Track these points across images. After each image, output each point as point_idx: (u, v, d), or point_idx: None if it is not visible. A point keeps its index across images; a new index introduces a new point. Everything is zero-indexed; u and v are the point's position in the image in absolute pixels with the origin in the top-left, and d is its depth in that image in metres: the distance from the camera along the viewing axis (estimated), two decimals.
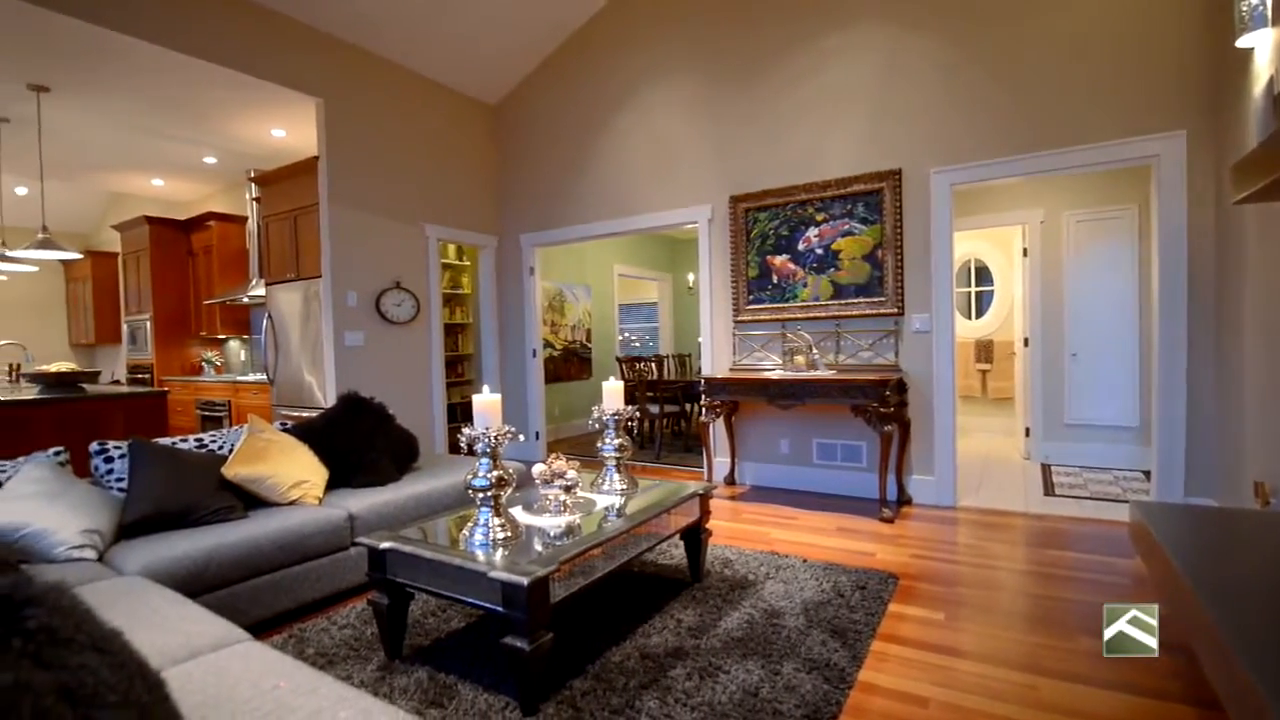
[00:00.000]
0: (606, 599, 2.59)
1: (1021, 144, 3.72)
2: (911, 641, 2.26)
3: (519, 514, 2.35)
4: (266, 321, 5.11)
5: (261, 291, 5.48)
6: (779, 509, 4.03)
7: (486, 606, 1.87)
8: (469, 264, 6.80)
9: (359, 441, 3.17)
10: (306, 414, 4.38)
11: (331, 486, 2.96)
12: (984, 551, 3.18)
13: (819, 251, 4.36)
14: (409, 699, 1.93)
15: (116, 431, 4.20)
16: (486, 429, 2.07)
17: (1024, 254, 5.28)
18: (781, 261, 4.51)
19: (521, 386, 6.00)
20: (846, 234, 4.25)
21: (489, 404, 2.10)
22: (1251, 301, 2.81)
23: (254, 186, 5.64)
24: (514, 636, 1.79)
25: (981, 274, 6.80)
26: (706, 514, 2.80)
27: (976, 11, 3.80)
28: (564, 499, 2.39)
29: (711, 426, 4.52)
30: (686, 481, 2.92)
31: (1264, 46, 2.50)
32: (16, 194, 6.74)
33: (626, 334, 9.85)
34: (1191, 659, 2.02)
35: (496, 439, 2.07)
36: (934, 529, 3.55)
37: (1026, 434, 5.33)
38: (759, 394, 4.15)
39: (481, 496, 2.09)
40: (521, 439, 2.42)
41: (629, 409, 2.75)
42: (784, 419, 4.50)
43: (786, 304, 4.50)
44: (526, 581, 1.74)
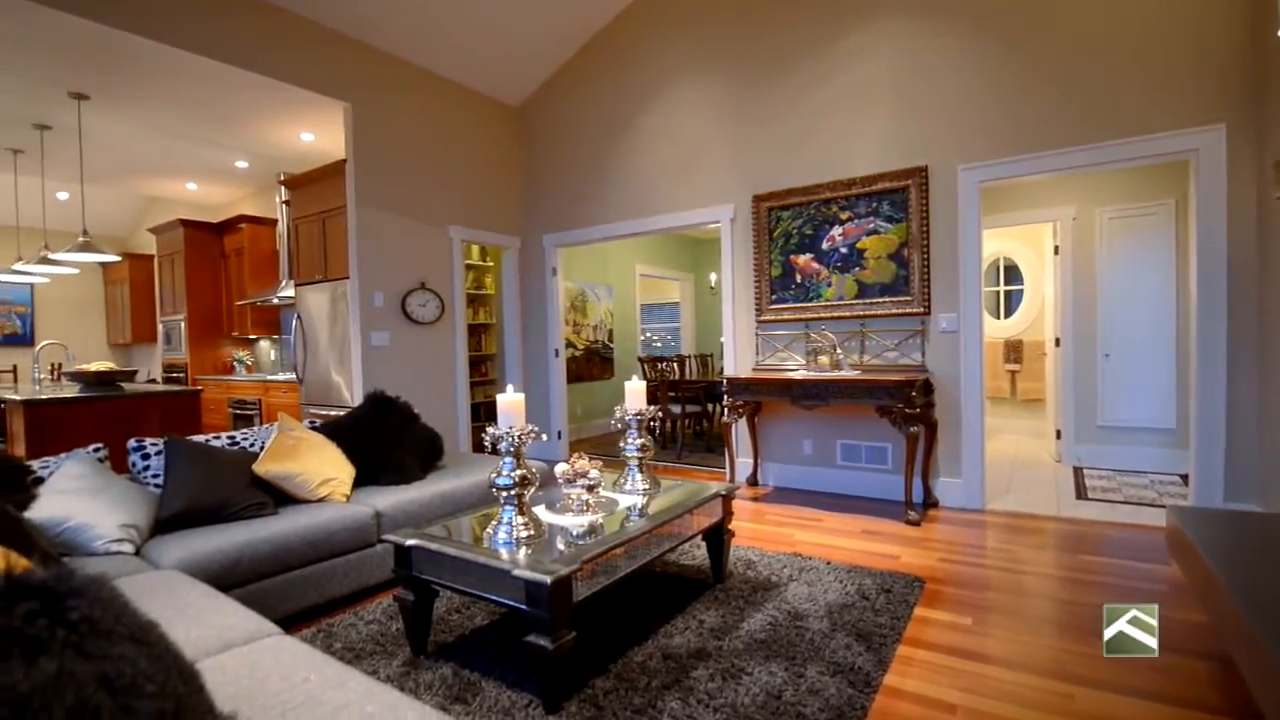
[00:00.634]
0: (629, 598, 2.59)
1: (1053, 139, 3.64)
2: (938, 646, 2.22)
3: (542, 513, 2.36)
4: (296, 322, 5.21)
5: (291, 292, 5.59)
6: (802, 510, 4.00)
7: (510, 604, 1.88)
8: (492, 264, 6.86)
9: (385, 440, 3.21)
10: (334, 412, 4.46)
11: (358, 484, 3.01)
12: (1013, 556, 3.11)
13: (843, 250, 4.32)
14: (434, 694, 1.95)
15: (152, 429, 4.32)
16: (510, 428, 2.09)
17: (1055, 252, 5.16)
18: (805, 261, 4.48)
19: (544, 386, 6.03)
20: (871, 232, 4.20)
21: (513, 403, 2.12)
22: None
23: (284, 189, 5.75)
24: (537, 635, 1.80)
25: (1010, 272, 6.67)
26: (729, 515, 2.79)
27: (1004, 3, 3.73)
28: (586, 498, 2.40)
29: (734, 427, 4.50)
30: (709, 482, 2.91)
31: None
32: (58, 199, 6.96)
33: (648, 334, 9.85)
34: (1232, 669, 1.96)
35: (520, 438, 2.09)
36: (961, 532, 3.49)
37: (1057, 436, 5.21)
38: (782, 394, 4.12)
39: (505, 495, 2.10)
40: (544, 438, 2.43)
41: (651, 409, 2.75)
42: (807, 419, 4.46)
43: (810, 303, 4.46)
44: (549, 580, 1.75)
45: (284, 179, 5.63)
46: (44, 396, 4.09)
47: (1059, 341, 5.15)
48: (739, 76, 4.72)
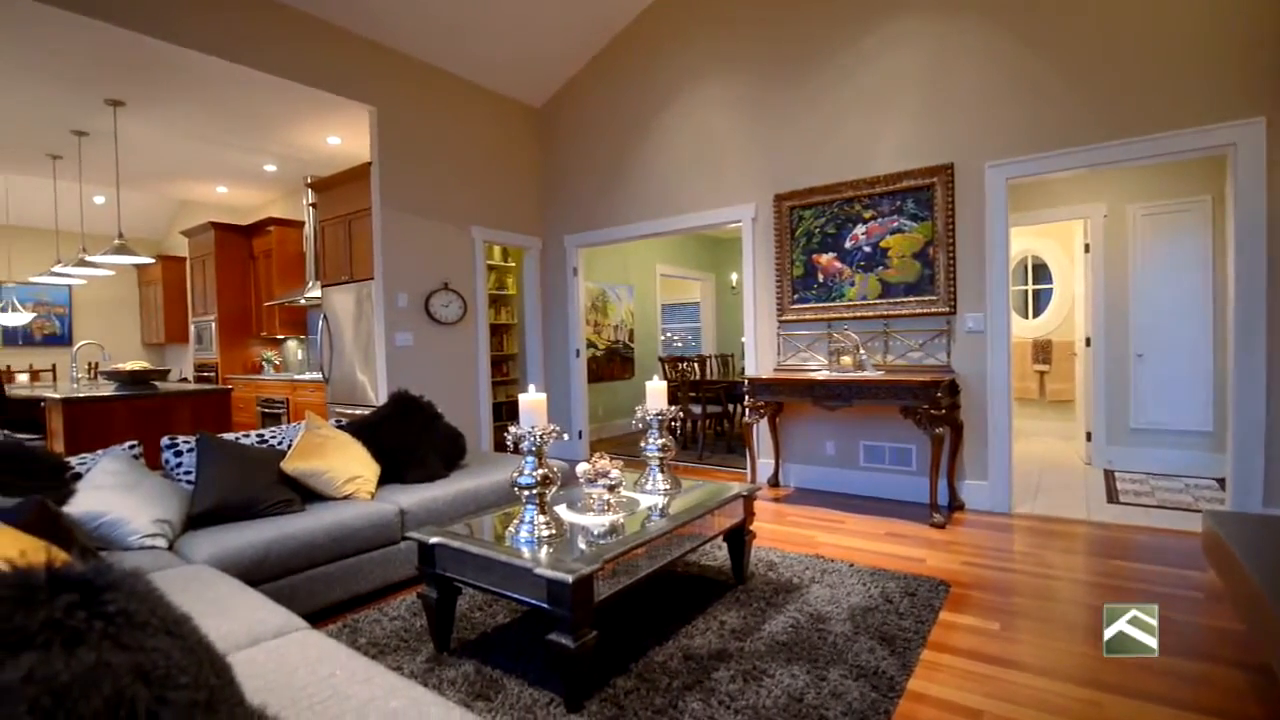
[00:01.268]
0: (649, 598, 2.59)
1: (1083, 135, 3.55)
2: (964, 651, 2.19)
3: (563, 512, 2.37)
4: (322, 322, 5.30)
5: (317, 293, 5.69)
6: (825, 512, 3.96)
7: (532, 603, 1.89)
8: (514, 265, 6.91)
9: (409, 439, 3.25)
10: (359, 411, 4.52)
11: (383, 482, 3.05)
12: (1042, 560, 3.05)
13: (867, 249, 4.27)
14: (457, 691, 1.97)
15: (184, 426, 4.43)
16: (532, 427, 2.10)
17: (1085, 250, 5.05)
18: (828, 260, 4.43)
19: (565, 386, 6.06)
20: (896, 231, 4.15)
21: (535, 403, 2.13)
22: None
23: (310, 192, 5.86)
24: (559, 633, 1.80)
25: (1039, 271, 6.53)
26: (750, 515, 2.78)
27: None
28: (608, 498, 2.40)
29: (755, 427, 4.47)
30: (730, 482, 2.89)
31: None
32: (95, 203, 7.17)
33: (669, 334, 9.84)
34: (1272, 680, 1.90)
35: (542, 437, 2.10)
36: (988, 536, 3.43)
37: (1088, 438, 5.09)
38: (804, 395, 4.09)
39: (527, 494, 2.12)
40: (565, 438, 2.44)
41: (672, 409, 2.74)
42: (830, 420, 4.41)
43: (833, 303, 4.41)
44: (571, 579, 1.76)
45: (311, 182, 5.73)
46: (81, 395, 4.22)
47: (1089, 341, 5.03)
48: (761, 75, 4.69)
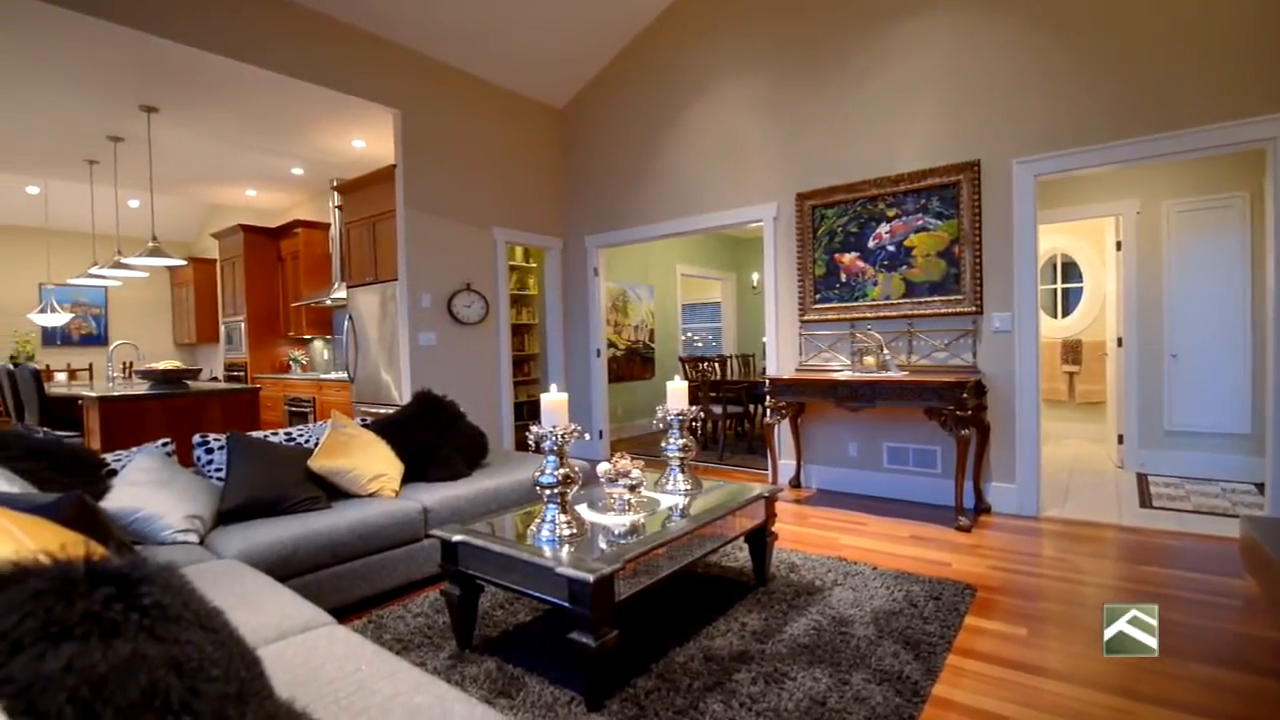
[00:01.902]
0: (670, 599, 2.59)
1: (1114, 130, 3.47)
2: (990, 657, 2.15)
3: (584, 511, 2.38)
4: (347, 323, 5.39)
5: (343, 294, 5.78)
6: (847, 514, 3.92)
7: (553, 601, 1.90)
8: (535, 265, 6.95)
9: (433, 438, 3.29)
10: (384, 410, 4.58)
11: (406, 480, 3.09)
12: (1071, 565, 2.99)
13: (890, 248, 4.21)
14: (479, 688, 1.98)
15: (215, 424, 4.53)
16: (554, 427, 2.11)
17: (1117, 247, 4.93)
18: (850, 259, 4.39)
19: (585, 386, 6.08)
20: (920, 230, 4.09)
21: (556, 403, 2.14)
22: None
23: (336, 195, 5.95)
24: (580, 632, 1.81)
25: (1068, 269, 6.39)
26: (772, 517, 2.76)
27: None
28: (628, 498, 2.40)
29: (776, 428, 4.44)
30: (751, 483, 2.88)
31: None
32: (130, 206, 7.36)
33: (689, 334, 9.81)
34: None
35: (563, 437, 2.11)
36: (1015, 539, 3.37)
37: (1120, 441, 4.97)
38: (826, 395, 4.05)
39: (549, 493, 2.13)
40: (586, 438, 2.45)
41: (693, 409, 2.74)
42: (852, 421, 4.37)
43: (855, 303, 4.37)
44: (592, 578, 1.76)
45: (337, 184, 5.82)
46: (117, 393, 4.34)
47: (1121, 341, 4.91)
48: (783, 74, 4.66)
